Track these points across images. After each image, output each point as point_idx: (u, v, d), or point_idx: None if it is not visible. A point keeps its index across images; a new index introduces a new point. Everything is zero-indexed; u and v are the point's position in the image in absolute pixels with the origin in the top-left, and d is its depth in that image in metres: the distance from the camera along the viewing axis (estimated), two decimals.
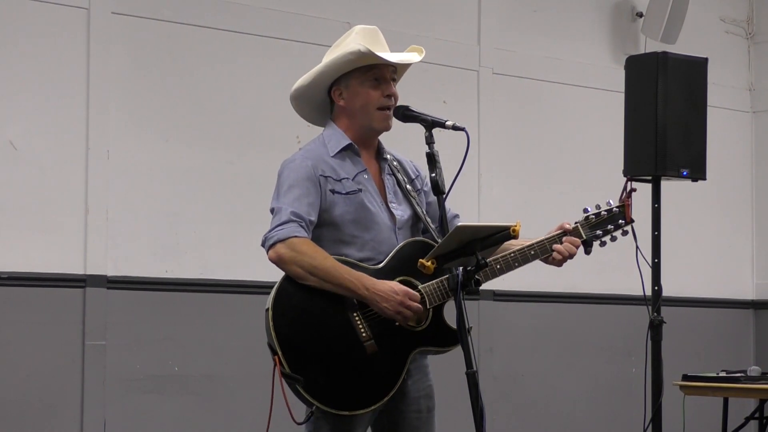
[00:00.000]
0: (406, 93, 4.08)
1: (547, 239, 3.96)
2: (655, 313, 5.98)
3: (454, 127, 3.80)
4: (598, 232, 4.03)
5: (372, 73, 3.89)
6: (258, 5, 6.67)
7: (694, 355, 8.08)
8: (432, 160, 3.78)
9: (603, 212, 4.05)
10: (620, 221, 4.05)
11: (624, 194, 4.12)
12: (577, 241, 3.98)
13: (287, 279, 3.78)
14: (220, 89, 6.55)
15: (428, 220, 3.98)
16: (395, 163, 4.02)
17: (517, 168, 7.66)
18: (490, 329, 7.39)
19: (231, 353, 6.43)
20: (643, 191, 6.06)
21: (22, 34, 6.02)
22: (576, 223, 4.02)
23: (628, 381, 7.77)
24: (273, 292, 3.77)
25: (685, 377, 6.46)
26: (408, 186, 3.99)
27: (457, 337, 3.75)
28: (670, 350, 6.32)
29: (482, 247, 3.61)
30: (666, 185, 6.21)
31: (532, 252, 3.93)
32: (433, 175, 3.77)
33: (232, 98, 6.59)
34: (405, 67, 4.00)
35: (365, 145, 3.97)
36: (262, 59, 6.67)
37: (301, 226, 3.77)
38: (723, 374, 6.47)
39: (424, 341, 3.83)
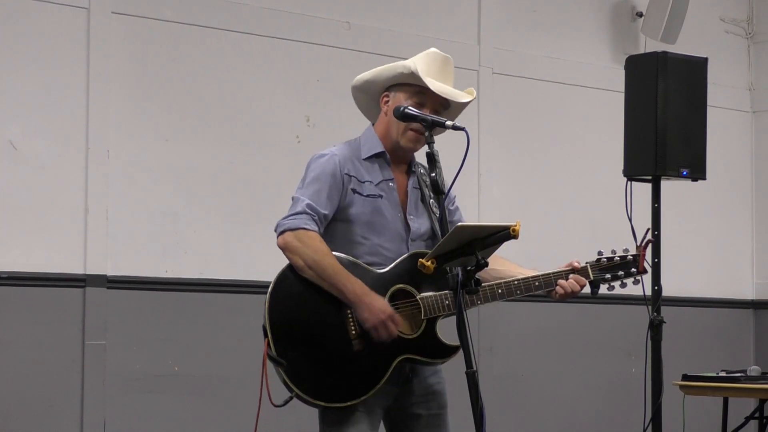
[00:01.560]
0: None
1: (553, 273, 3.96)
2: (655, 313, 5.98)
3: (454, 127, 3.81)
4: (607, 276, 3.98)
5: (418, 97, 3.92)
6: (258, 5, 6.67)
7: (694, 355, 8.07)
8: (432, 159, 3.79)
9: (617, 257, 3.99)
10: (632, 269, 3.98)
11: (643, 243, 4.00)
12: (583, 280, 3.96)
13: (290, 267, 3.86)
14: (220, 89, 6.55)
15: None
16: (424, 177, 4.05)
17: (517, 168, 7.66)
18: (490, 329, 7.39)
19: (231, 353, 6.43)
20: (643, 191, 6.08)
21: (22, 34, 6.02)
22: (587, 263, 4.00)
23: (628, 381, 7.77)
24: (275, 278, 3.85)
25: (685, 377, 6.46)
26: (432, 201, 4.01)
27: (444, 352, 3.86)
28: (670, 350, 6.32)
29: (482, 247, 3.61)
30: (666, 185, 6.21)
31: (537, 283, 3.93)
32: (433, 174, 3.78)
33: (232, 98, 6.58)
34: (460, 107, 3.99)
35: (397, 156, 4.01)
36: (262, 59, 6.66)
37: (313, 220, 3.85)
38: (723, 374, 6.47)
39: (411, 350, 3.86)
